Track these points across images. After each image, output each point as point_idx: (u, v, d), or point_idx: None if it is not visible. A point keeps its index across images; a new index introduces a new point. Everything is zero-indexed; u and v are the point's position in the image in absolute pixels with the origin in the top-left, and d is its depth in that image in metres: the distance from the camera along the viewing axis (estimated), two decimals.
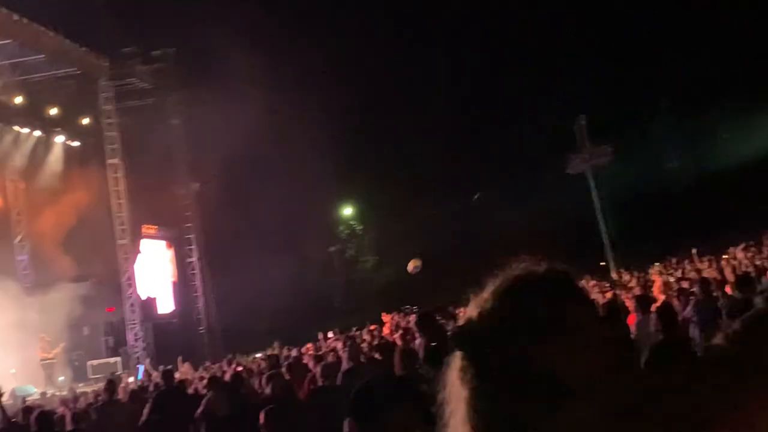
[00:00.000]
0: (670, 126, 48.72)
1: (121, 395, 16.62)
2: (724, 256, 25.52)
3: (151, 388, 16.16)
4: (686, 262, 25.48)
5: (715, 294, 12.90)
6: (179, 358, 24.52)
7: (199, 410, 11.88)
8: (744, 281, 13.78)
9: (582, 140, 45.81)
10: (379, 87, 49.36)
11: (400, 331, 17.93)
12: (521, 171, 48.57)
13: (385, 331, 20.33)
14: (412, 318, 14.16)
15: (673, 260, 29.22)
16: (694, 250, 26.20)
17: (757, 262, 20.47)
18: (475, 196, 51.03)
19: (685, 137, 49.68)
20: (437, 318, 8.97)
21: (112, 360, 33.50)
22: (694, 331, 11.53)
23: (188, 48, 38.38)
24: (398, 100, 49.81)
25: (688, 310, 11.92)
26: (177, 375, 18.43)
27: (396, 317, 21.47)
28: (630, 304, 13.22)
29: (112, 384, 15.47)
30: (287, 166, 39.27)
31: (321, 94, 44.80)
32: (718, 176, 47.36)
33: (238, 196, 41.01)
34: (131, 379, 26.45)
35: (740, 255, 24.03)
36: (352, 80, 48.93)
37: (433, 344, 7.98)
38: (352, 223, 55.19)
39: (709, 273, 18.62)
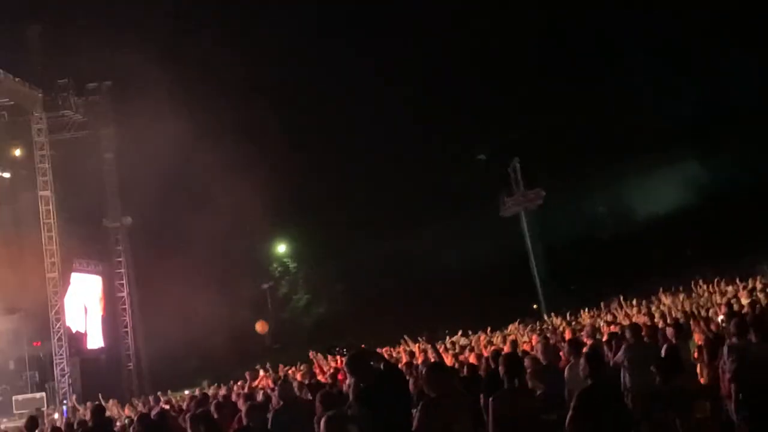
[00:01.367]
0: (599, 172, 49.36)
1: None
2: (657, 301, 25.86)
3: (75, 426, 15.85)
4: (613, 306, 25.77)
5: (645, 339, 13.06)
6: (100, 396, 24.06)
7: None
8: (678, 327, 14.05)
9: (516, 183, 46.33)
10: (316, 125, 49.52)
11: (330, 371, 17.90)
12: (456, 213, 48.86)
13: (316, 369, 20.21)
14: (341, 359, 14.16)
15: (602, 304, 29.55)
16: (620, 296, 26.49)
17: (687, 308, 20.78)
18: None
19: (614, 183, 50.37)
20: (368, 359, 8.94)
21: (37, 395, 32.87)
22: (624, 376, 11.65)
23: (124, 82, 38.18)
24: (335, 139, 49.97)
25: (620, 355, 12.05)
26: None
27: (320, 360, 21.37)
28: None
29: (33, 421, 15.06)
30: (221, 203, 39.02)
31: (257, 132, 44.79)
32: (645, 222, 48.12)
33: (171, 231, 40.67)
34: (56, 416, 26.00)
35: (667, 301, 24.36)
36: (288, 118, 49.01)
37: (363, 385, 7.97)
38: (285, 260, 54.98)
39: (638, 318, 18.83)
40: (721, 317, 15.63)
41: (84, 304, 38.82)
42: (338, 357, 16.40)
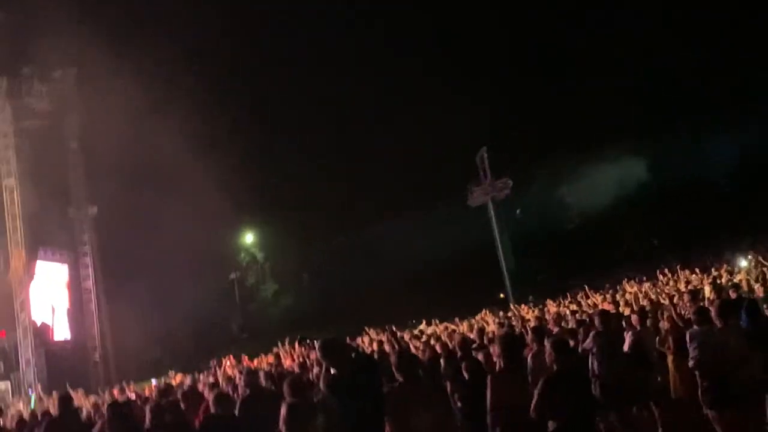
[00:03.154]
0: (566, 162, 49.58)
1: (8, 423, 16.17)
2: (622, 290, 26.00)
3: (39, 417, 15.72)
4: (579, 295, 25.85)
5: (613, 326, 13.11)
6: (67, 385, 23.92)
7: None
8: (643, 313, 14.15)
9: (484, 173, 46.37)
10: (284, 116, 49.42)
11: (299, 361, 17.84)
12: (423, 202, 48.91)
13: (284, 360, 20.14)
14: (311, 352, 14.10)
15: (568, 293, 29.66)
16: (586, 286, 26.59)
17: (653, 296, 20.90)
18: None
19: (580, 173, 50.61)
20: (340, 345, 8.90)
21: (2, 385, 32.68)
22: (593, 363, 11.68)
23: (89, 70, 37.83)
24: (301, 129, 49.93)
25: (588, 342, 12.07)
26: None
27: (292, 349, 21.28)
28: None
29: None
30: (188, 192, 38.86)
31: (225, 121, 44.68)
32: (611, 212, 48.40)
33: (137, 221, 40.40)
34: (21, 405, 25.77)
35: (632, 289, 24.47)
36: (256, 109, 48.93)
37: (335, 373, 7.94)
38: (252, 250, 54.85)
39: (604, 306, 18.89)
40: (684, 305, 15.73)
41: (50, 294, 38.52)
42: (307, 349, 16.35)
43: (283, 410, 7.88)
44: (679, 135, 46.39)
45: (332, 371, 7.94)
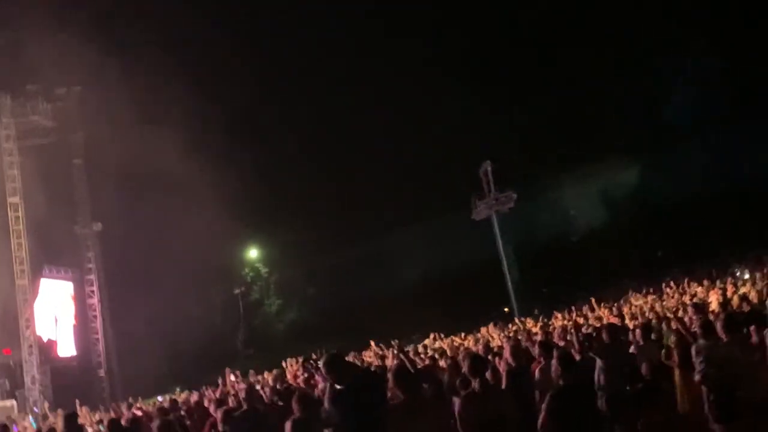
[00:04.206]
0: (570, 175, 49.60)
1: None
2: (628, 303, 25.96)
3: None
4: (585, 308, 25.79)
5: (622, 339, 13.08)
6: (77, 402, 23.93)
7: None
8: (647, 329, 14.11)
9: (488, 186, 46.38)
10: (288, 131, 49.45)
11: (304, 376, 17.82)
12: (428, 216, 48.88)
13: (289, 376, 20.13)
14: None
15: (573, 307, 29.64)
16: (592, 299, 26.53)
17: (658, 309, 20.87)
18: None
19: (585, 186, 50.63)
20: (345, 360, 8.90)
21: (8, 403, 32.60)
22: (599, 376, 11.64)
23: (93, 87, 37.89)
24: (306, 144, 49.93)
25: (596, 355, 12.04)
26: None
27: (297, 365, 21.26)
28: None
29: (4, 428, 15.01)
30: (192, 208, 38.86)
31: (229, 136, 44.72)
32: (615, 224, 48.42)
33: (142, 237, 40.44)
34: (27, 424, 25.76)
35: (638, 302, 24.46)
36: (260, 124, 49.02)
37: (339, 387, 7.92)
38: (257, 265, 54.82)
39: (609, 320, 18.84)
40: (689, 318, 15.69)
41: (55, 311, 38.55)
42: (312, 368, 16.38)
43: (287, 426, 7.88)
44: (686, 147, 46.39)
45: (336, 387, 7.93)
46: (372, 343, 24.53)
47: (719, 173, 44.63)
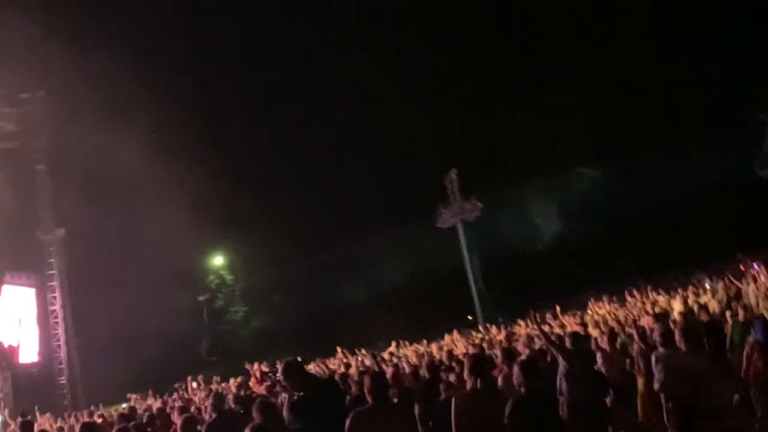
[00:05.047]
0: (535, 184, 49.85)
1: None
2: (588, 312, 26.08)
3: None
4: (548, 317, 25.88)
5: (585, 347, 13.13)
6: (36, 409, 23.75)
7: None
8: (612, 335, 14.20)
9: (453, 194, 46.52)
10: (253, 138, 49.36)
11: (267, 383, 17.79)
12: (393, 224, 48.93)
13: (252, 382, 20.10)
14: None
15: (537, 314, 29.75)
16: (557, 307, 26.68)
17: (621, 318, 20.99)
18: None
19: (549, 195, 50.90)
20: (304, 367, 8.89)
21: None
22: (561, 384, 11.69)
23: (58, 92, 37.66)
24: (269, 151, 49.87)
25: (561, 363, 12.08)
26: (36, 426, 17.88)
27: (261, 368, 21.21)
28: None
29: None
30: (156, 214, 38.68)
31: (193, 142, 44.58)
32: (580, 234, 48.62)
33: (105, 243, 40.21)
34: None
35: (601, 311, 24.59)
36: (225, 132, 48.93)
37: (297, 395, 7.91)
38: (222, 272, 54.64)
39: (573, 328, 18.92)
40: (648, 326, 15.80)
41: (16, 318, 38.21)
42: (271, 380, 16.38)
43: None
44: (650, 156, 46.69)
45: (295, 394, 7.93)
46: (339, 349, 24.56)
47: (684, 182, 44.95)
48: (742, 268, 26.18)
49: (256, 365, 21.12)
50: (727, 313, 17.08)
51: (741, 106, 45.29)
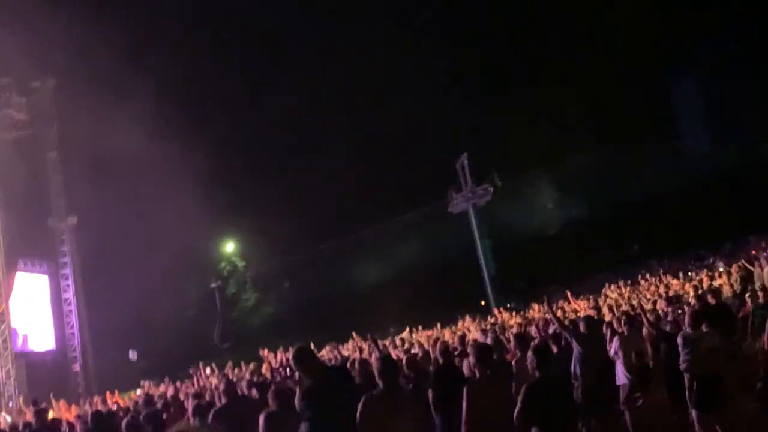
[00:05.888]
0: (546, 168, 49.79)
1: None
2: (604, 296, 26.08)
3: (20, 428, 15.65)
4: (561, 301, 25.86)
5: (598, 331, 13.08)
6: (51, 396, 23.82)
7: None
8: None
9: (464, 179, 46.43)
10: (265, 123, 49.28)
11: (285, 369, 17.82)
12: (405, 209, 48.90)
13: (265, 368, 20.13)
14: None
15: (549, 299, 29.75)
16: (568, 292, 26.62)
17: (633, 301, 20.98)
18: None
19: (561, 180, 50.83)
20: (315, 354, 8.86)
21: None
22: (575, 367, 11.66)
23: (68, 80, 37.66)
24: (282, 137, 49.82)
25: (575, 346, 12.03)
26: (50, 413, 17.90)
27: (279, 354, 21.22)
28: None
29: None
30: (168, 201, 38.70)
31: (204, 130, 44.55)
32: (592, 218, 48.50)
33: (118, 231, 40.23)
34: (2, 419, 25.57)
35: (614, 295, 24.58)
36: (237, 118, 48.87)
37: (308, 382, 7.86)
38: (234, 259, 54.70)
39: (586, 312, 18.87)
40: (661, 310, 15.76)
41: (30, 306, 38.30)
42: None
43: (261, 419, 7.85)
44: (662, 140, 46.61)
45: (307, 381, 7.89)
46: (354, 334, 24.55)
47: (697, 166, 44.88)
48: (754, 252, 26.12)
49: (270, 355, 21.15)
50: (746, 296, 16.99)
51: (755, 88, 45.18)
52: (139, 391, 26.62)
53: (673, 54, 48.67)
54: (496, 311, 32.44)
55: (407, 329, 27.35)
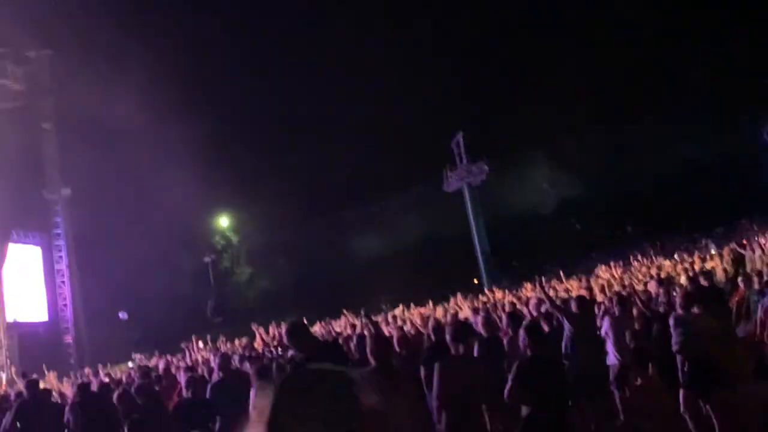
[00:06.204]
0: (541, 148, 49.77)
1: None
2: (596, 276, 26.10)
3: (12, 397, 15.69)
4: (553, 281, 25.88)
5: (589, 311, 13.11)
6: (44, 367, 23.85)
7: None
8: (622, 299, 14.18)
9: (459, 157, 46.44)
10: (259, 99, 49.22)
11: (275, 343, 17.83)
12: (400, 187, 48.89)
13: (258, 343, 20.14)
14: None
15: (542, 278, 29.81)
16: (561, 271, 26.68)
17: (625, 282, 21.00)
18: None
19: (556, 159, 50.81)
20: (308, 329, 8.86)
21: None
22: (567, 346, 11.70)
23: (64, 51, 37.54)
24: (277, 111, 49.72)
25: (566, 326, 12.08)
26: (42, 384, 17.93)
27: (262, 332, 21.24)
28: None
29: None
30: (162, 175, 38.64)
31: (200, 104, 44.45)
32: (586, 198, 48.53)
33: (111, 203, 40.20)
34: None
35: (606, 275, 24.59)
36: (231, 92, 48.77)
37: (303, 356, 7.88)
38: (228, 233, 54.67)
39: (578, 292, 18.90)
40: (652, 291, 15.79)
41: (23, 277, 38.33)
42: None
43: (252, 393, 7.87)
44: (657, 122, 46.59)
45: (298, 358, 7.90)
46: (344, 311, 24.57)
47: (689, 148, 44.86)
48: (745, 242, 26.15)
49: (260, 327, 21.16)
50: (738, 279, 17.02)
51: (749, 72, 45.13)
52: (131, 364, 26.68)
53: (670, 33, 48.53)
54: (487, 291, 32.50)
55: (400, 306, 27.39)
